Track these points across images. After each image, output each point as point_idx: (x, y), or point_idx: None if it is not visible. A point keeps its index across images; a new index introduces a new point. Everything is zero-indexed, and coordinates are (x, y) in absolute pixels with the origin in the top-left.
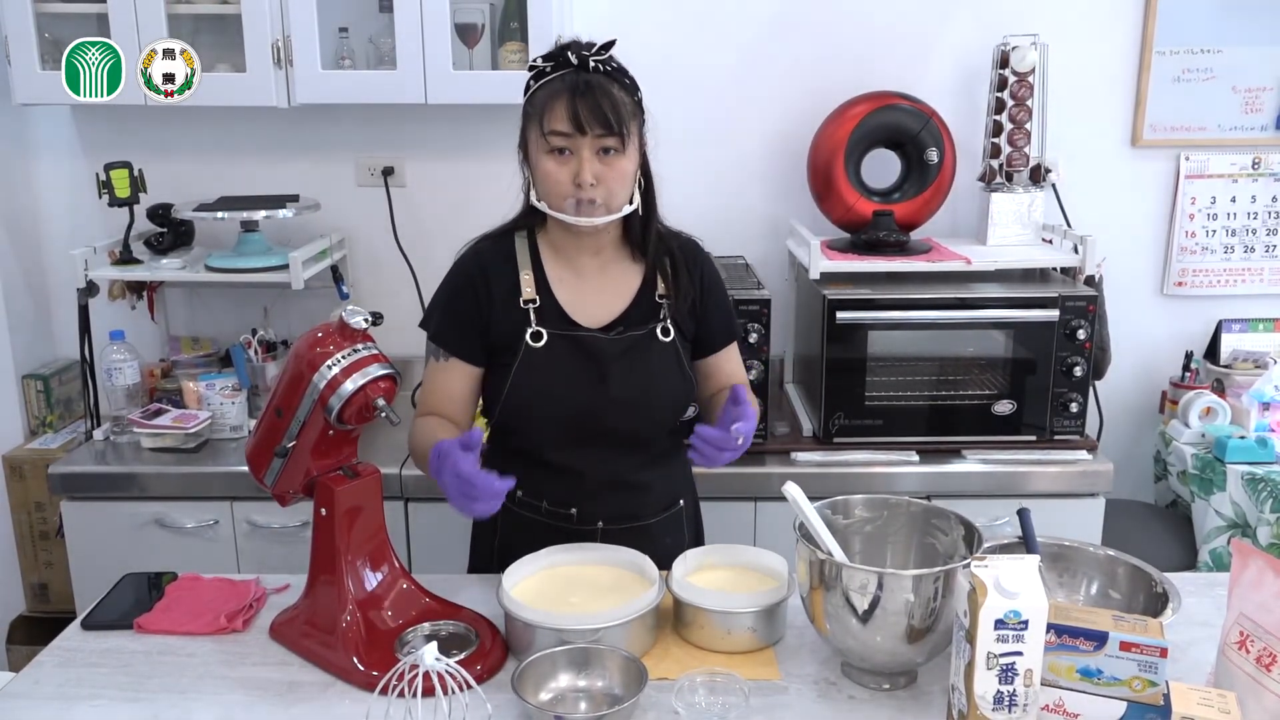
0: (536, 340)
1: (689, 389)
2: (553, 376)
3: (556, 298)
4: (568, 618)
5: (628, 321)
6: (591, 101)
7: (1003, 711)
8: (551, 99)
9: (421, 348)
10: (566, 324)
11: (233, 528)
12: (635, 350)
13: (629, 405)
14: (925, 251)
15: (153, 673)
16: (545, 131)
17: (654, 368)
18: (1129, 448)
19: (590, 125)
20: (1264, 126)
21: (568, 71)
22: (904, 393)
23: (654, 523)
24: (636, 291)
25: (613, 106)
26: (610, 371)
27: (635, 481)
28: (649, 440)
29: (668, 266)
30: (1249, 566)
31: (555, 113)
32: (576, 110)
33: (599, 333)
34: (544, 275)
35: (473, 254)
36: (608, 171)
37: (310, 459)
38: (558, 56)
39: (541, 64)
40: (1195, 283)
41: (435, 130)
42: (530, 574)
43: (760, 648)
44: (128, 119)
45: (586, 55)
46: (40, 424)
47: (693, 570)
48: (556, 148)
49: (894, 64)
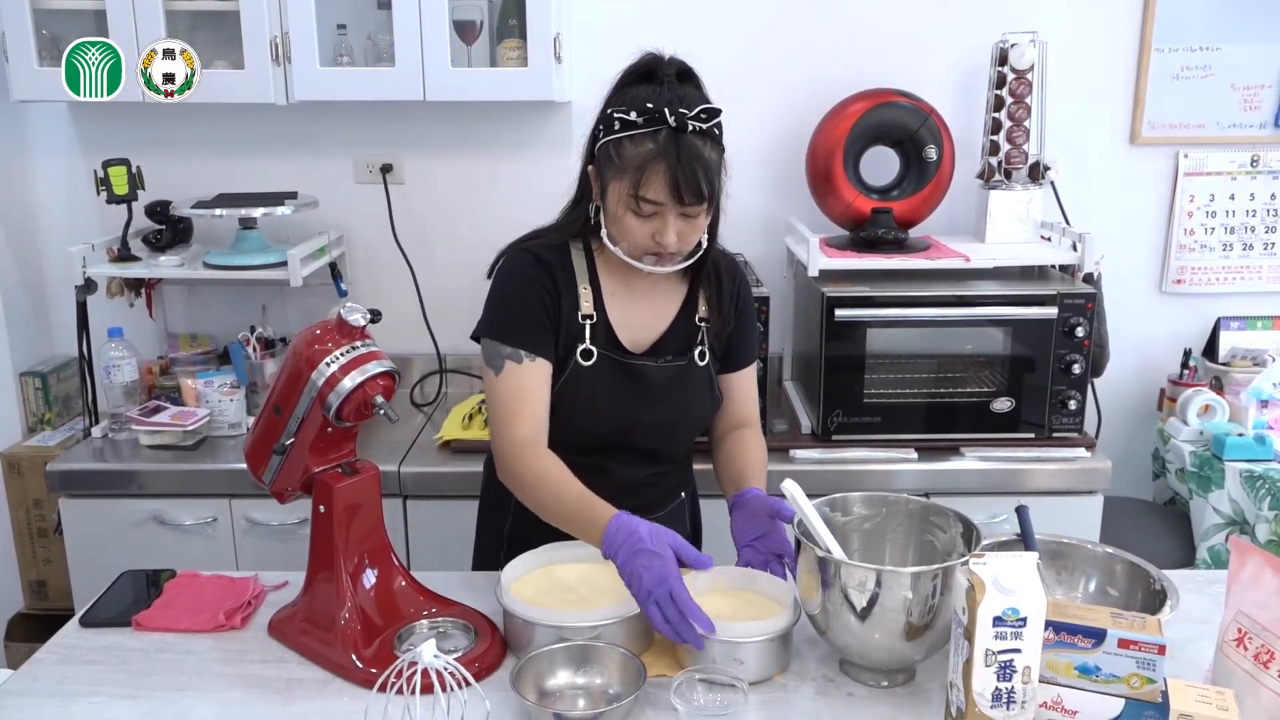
0: (587, 359)
1: (716, 407)
2: (595, 396)
3: (609, 316)
4: (566, 615)
5: (670, 344)
6: (690, 173)
7: (1001, 708)
8: (648, 164)
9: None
10: (615, 346)
11: (231, 525)
12: (676, 376)
13: (660, 428)
14: (924, 249)
15: (151, 670)
16: (637, 194)
17: (689, 392)
18: (1127, 445)
19: (687, 197)
20: (1263, 124)
21: (663, 131)
22: (902, 390)
23: (659, 515)
24: (678, 310)
25: (707, 176)
26: (650, 397)
27: (650, 483)
28: (673, 454)
29: (713, 289)
30: (1247, 564)
31: (651, 182)
32: (677, 182)
33: (646, 358)
34: (599, 291)
35: (533, 260)
36: (688, 229)
37: (309, 456)
38: (652, 113)
39: (635, 119)
40: (1194, 280)
41: (434, 127)
42: (529, 571)
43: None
44: (126, 116)
45: (686, 116)
46: (38, 421)
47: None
48: (643, 212)
49: (893, 61)
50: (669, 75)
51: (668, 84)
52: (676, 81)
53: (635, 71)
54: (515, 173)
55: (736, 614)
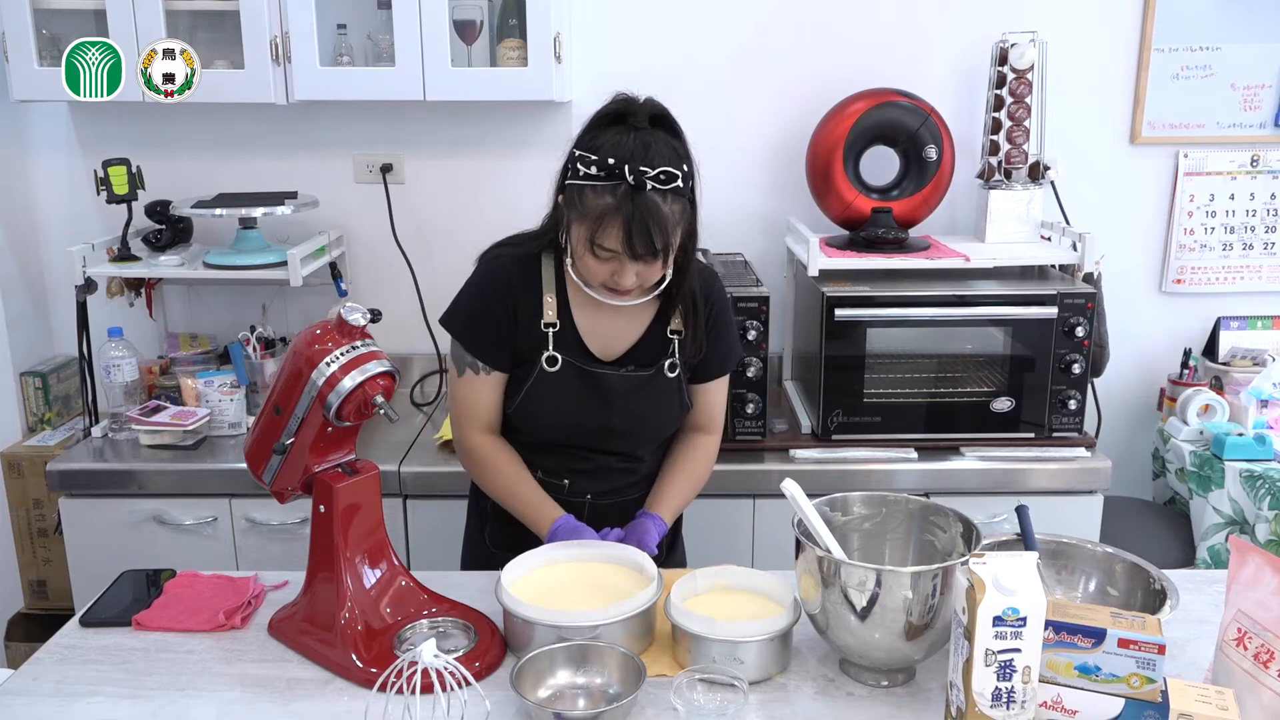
0: (551, 365)
1: (684, 413)
2: (560, 400)
3: (576, 324)
4: (566, 615)
5: (638, 355)
6: (644, 229)
7: (1001, 708)
8: (605, 216)
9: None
10: (581, 354)
11: (231, 525)
12: (641, 386)
13: (627, 431)
14: (924, 249)
15: (151, 670)
16: (592, 241)
17: (656, 400)
18: (1127, 445)
19: (640, 252)
20: (1262, 124)
21: (622, 186)
22: (902, 390)
23: (637, 498)
24: (650, 322)
25: (661, 231)
26: (614, 404)
27: (625, 469)
28: (640, 455)
29: (689, 308)
30: (1247, 563)
31: (608, 233)
32: (630, 236)
33: (610, 367)
34: (566, 300)
35: (500, 267)
36: (647, 271)
37: (309, 456)
38: (614, 169)
39: (595, 171)
40: (1194, 280)
41: (433, 127)
42: (529, 571)
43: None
44: (126, 115)
45: (644, 175)
46: (38, 421)
47: (689, 596)
48: (601, 257)
49: (893, 61)
50: (641, 122)
51: (636, 132)
52: (649, 127)
53: (607, 115)
54: (515, 173)
55: (736, 614)
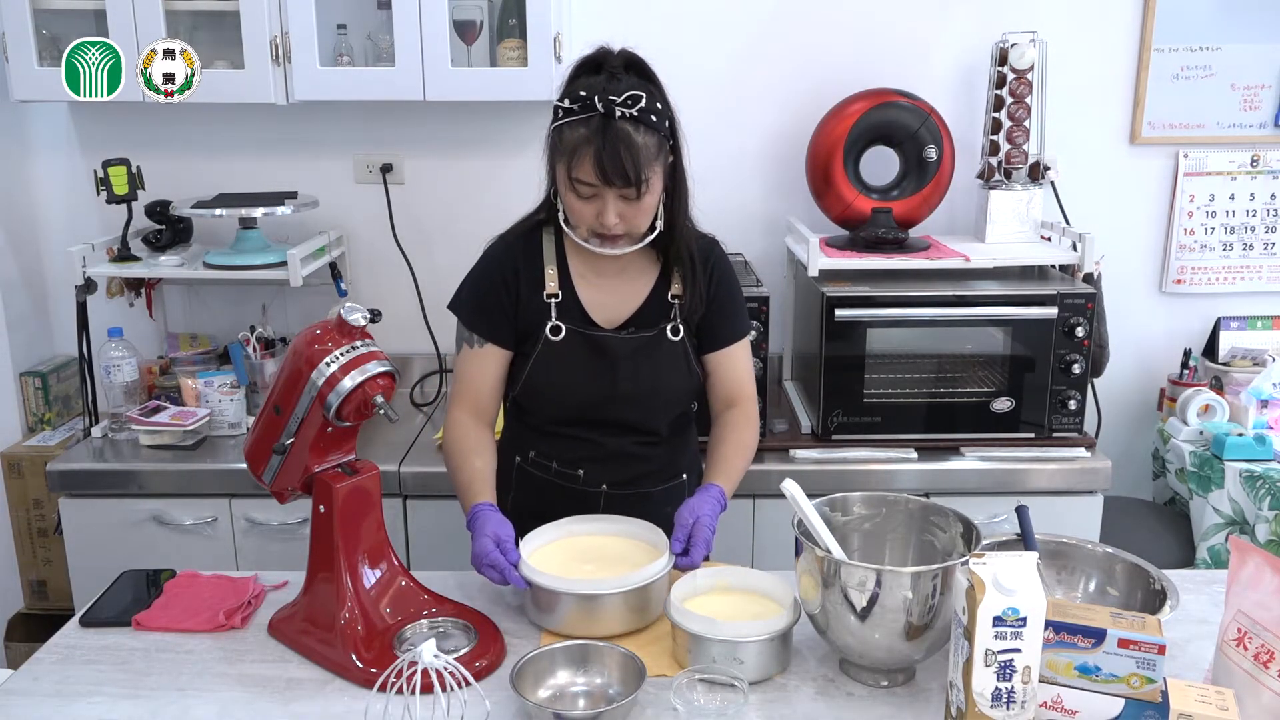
0: (555, 334)
1: (694, 383)
2: (567, 369)
3: (578, 293)
4: (585, 583)
5: (640, 320)
6: (614, 155)
7: (1001, 708)
8: (579, 147)
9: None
10: (584, 321)
11: (231, 525)
12: (645, 349)
13: (636, 398)
14: (924, 249)
15: (151, 670)
16: (571, 176)
17: (662, 365)
18: (1127, 445)
19: (614, 179)
20: (1262, 124)
21: (594, 116)
22: (902, 390)
23: (656, 491)
24: (651, 289)
25: (634, 159)
26: (620, 368)
27: (640, 455)
28: (654, 428)
29: (687, 268)
30: (1247, 564)
31: (581, 163)
32: (602, 163)
33: (612, 332)
34: (568, 271)
35: (503, 245)
36: (631, 210)
37: (309, 456)
38: (585, 100)
39: (569, 104)
40: (1194, 280)
41: (434, 127)
42: (546, 543)
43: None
44: (125, 116)
45: (614, 103)
46: (38, 421)
47: (689, 596)
48: (582, 194)
49: (893, 61)
50: (616, 66)
51: (611, 74)
52: (624, 72)
53: (585, 64)
54: (515, 173)
55: (736, 614)
